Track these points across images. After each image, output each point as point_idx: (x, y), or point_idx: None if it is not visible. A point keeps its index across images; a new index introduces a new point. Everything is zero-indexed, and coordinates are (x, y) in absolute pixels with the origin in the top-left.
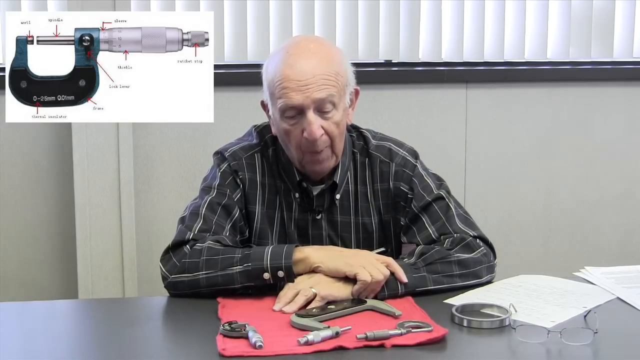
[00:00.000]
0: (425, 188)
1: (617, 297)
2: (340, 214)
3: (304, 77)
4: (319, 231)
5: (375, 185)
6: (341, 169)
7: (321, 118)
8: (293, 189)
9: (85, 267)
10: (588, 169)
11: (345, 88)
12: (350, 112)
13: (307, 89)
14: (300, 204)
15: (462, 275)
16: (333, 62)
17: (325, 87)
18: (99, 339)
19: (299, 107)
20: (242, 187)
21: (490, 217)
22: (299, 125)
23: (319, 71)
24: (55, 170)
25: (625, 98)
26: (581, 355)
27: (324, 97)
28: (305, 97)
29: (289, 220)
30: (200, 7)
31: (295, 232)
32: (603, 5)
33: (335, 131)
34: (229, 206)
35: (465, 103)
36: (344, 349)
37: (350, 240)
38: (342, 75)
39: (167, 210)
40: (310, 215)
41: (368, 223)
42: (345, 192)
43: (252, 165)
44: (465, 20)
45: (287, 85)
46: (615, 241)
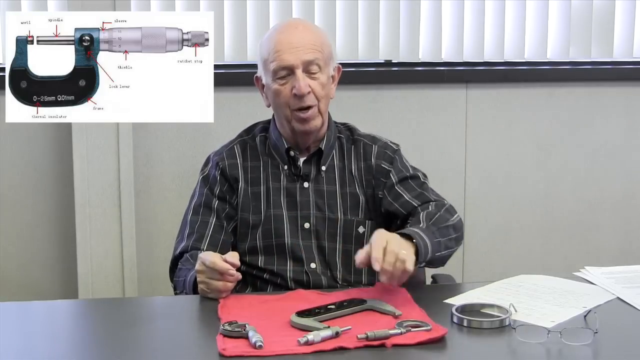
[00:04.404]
0: (404, 166)
1: (617, 297)
2: (326, 183)
3: (294, 41)
4: (307, 198)
5: (360, 162)
6: (326, 141)
7: (309, 78)
8: (281, 160)
9: (85, 267)
10: (588, 169)
11: (329, 59)
12: (332, 86)
13: (297, 51)
14: (288, 175)
15: (456, 239)
16: (319, 35)
17: (313, 51)
18: (99, 339)
19: (289, 67)
20: (223, 174)
21: (490, 217)
22: (289, 84)
23: (307, 39)
24: (55, 170)
25: (625, 98)
26: (581, 355)
27: (311, 59)
28: (296, 58)
29: (277, 190)
30: (200, 7)
31: (285, 201)
32: (603, 5)
33: (321, 91)
34: (208, 202)
35: (465, 103)
36: (344, 349)
37: (337, 207)
38: (327, 47)
39: (167, 210)
40: (298, 183)
41: (354, 193)
42: (331, 166)
43: (232, 154)
44: (465, 20)
45: (280, 49)
46: (615, 241)
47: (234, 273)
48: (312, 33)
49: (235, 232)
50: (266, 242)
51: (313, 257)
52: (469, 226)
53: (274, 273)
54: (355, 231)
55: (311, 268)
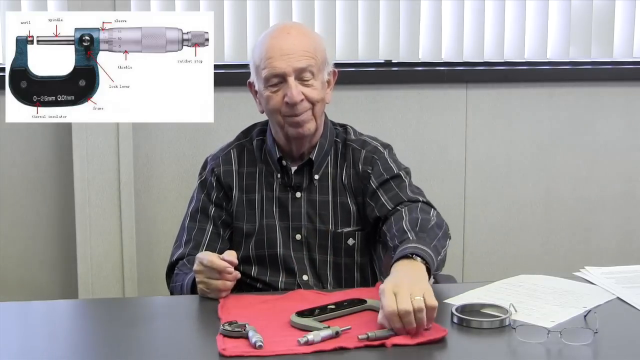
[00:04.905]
0: (386, 168)
1: (617, 297)
2: (319, 193)
3: (286, 48)
4: (298, 209)
5: (349, 169)
6: (319, 149)
7: (301, 85)
8: (275, 168)
9: (85, 267)
10: (588, 169)
11: (323, 65)
12: (328, 91)
13: (289, 58)
14: (280, 184)
15: (444, 236)
16: (312, 40)
17: (305, 58)
18: (99, 339)
19: (281, 74)
20: (219, 181)
21: (490, 217)
22: (281, 92)
23: (299, 45)
24: (55, 170)
25: (625, 98)
26: (581, 355)
27: (304, 67)
28: (287, 65)
29: (269, 199)
30: (200, 7)
31: (277, 211)
32: (603, 5)
33: (315, 96)
34: (205, 209)
35: (465, 103)
36: (344, 349)
37: (328, 218)
38: (320, 52)
39: (167, 210)
40: (290, 193)
41: (345, 202)
42: (325, 175)
43: (227, 159)
44: (465, 20)
45: (272, 55)
46: (615, 241)
47: (232, 271)
48: (305, 39)
49: (231, 239)
50: (259, 252)
51: (305, 269)
52: (469, 226)
53: (266, 283)
54: (345, 244)
55: (303, 280)
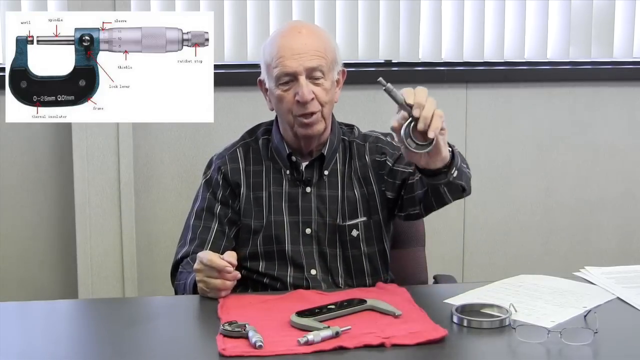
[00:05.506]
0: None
1: (617, 297)
2: (328, 188)
3: (297, 47)
4: (308, 204)
5: (356, 162)
6: (329, 146)
7: (312, 84)
8: (283, 165)
9: (85, 267)
10: (588, 169)
11: (333, 64)
12: (337, 90)
13: (300, 57)
14: (290, 179)
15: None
16: (323, 39)
17: (316, 57)
18: (99, 339)
19: (292, 73)
20: (225, 179)
21: (491, 217)
22: (292, 90)
23: (311, 45)
24: (55, 170)
25: (625, 98)
26: (581, 355)
27: (315, 66)
28: (299, 65)
29: (278, 195)
30: (200, 7)
31: (286, 206)
32: (603, 5)
33: (325, 97)
34: (211, 207)
35: (465, 103)
36: (344, 349)
37: (337, 212)
38: (331, 52)
39: (167, 210)
40: (300, 188)
41: (352, 195)
42: (334, 171)
43: (234, 158)
44: (465, 20)
45: (283, 54)
46: (615, 241)
47: (232, 270)
48: (316, 38)
49: (237, 237)
50: (267, 248)
51: (314, 263)
52: (469, 226)
53: (274, 278)
54: (350, 235)
55: (311, 275)
